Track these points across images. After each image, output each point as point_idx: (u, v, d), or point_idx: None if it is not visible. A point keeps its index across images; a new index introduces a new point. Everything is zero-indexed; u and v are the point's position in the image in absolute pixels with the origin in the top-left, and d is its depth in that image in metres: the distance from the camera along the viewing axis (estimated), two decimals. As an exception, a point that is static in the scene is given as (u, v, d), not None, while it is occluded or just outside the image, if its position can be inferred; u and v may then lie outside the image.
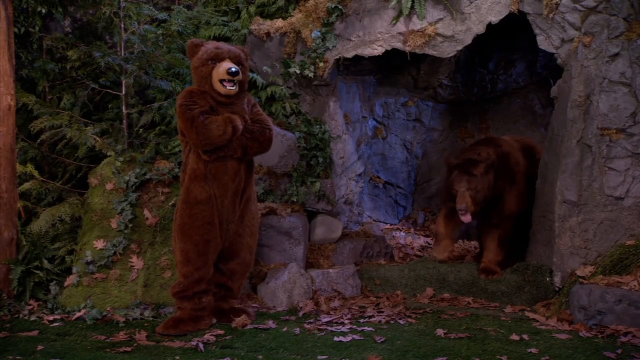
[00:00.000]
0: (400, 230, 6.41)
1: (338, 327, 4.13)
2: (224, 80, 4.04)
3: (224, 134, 3.95)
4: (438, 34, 5.00)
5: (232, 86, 4.06)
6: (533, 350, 3.65)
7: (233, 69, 4.01)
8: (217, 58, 4.06)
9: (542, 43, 4.79)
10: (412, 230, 6.48)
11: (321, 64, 5.33)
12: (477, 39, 4.99)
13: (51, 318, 4.34)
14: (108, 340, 3.90)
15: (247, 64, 4.23)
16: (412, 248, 5.96)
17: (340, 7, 5.24)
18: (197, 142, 3.95)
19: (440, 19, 4.99)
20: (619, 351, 3.59)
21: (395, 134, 6.70)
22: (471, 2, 4.91)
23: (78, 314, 4.35)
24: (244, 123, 4.06)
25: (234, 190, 4.12)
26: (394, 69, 6.11)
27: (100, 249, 4.62)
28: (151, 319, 4.35)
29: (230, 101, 4.10)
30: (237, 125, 3.99)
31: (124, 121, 5.22)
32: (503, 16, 4.84)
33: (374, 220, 6.48)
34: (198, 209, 4.02)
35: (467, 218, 4.74)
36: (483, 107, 6.61)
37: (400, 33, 5.10)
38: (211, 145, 3.96)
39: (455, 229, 5.14)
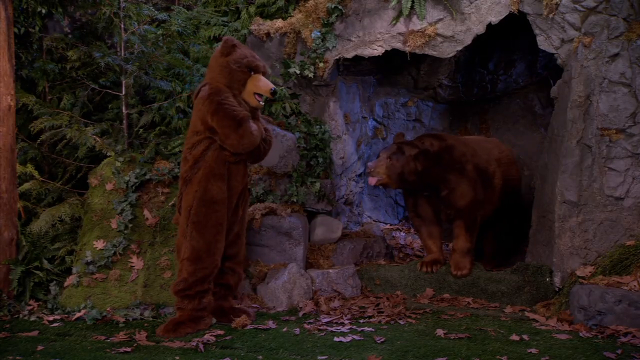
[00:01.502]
0: (400, 231, 6.41)
1: (338, 328, 4.13)
2: (258, 94, 4.11)
3: (257, 142, 4.05)
4: (438, 34, 5.00)
5: (262, 101, 4.16)
6: (533, 350, 3.65)
7: (274, 89, 4.12)
8: (256, 69, 4.13)
9: (542, 43, 4.79)
10: (412, 230, 6.48)
11: (321, 64, 5.33)
12: (477, 39, 4.99)
13: (51, 318, 4.34)
14: (108, 340, 3.90)
15: None
16: (412, 248, 5.96)
17: (340, 7, 5.25)
18: (237, 145, 3.97)
19: (440, 19, 4.99)
20: (619, 351, 3.59)
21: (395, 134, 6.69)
22: (471, 3, 4.91)
23: (78, 314, 4.35)
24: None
25: (240, 191, 4.18)
26: (393, 69, 6.11)
27: (100, 249, 4.62)
28: (151, 319, 4.35)
29: (253, 110, 4.17)
30: (263, 135, 4.13)
31: (124, 121, 5.22)
32: (503, 16, 4.84)
33: (374, 221, 6.47)
34: (213, 208, 4.02)
35: (371, 180, 4.85)
36: (483, 108, 6.61)
37: (400, 33, 5.10)
38: (247, 150, 4.03)
39: (437, 233, 5.17)
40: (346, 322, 4.27)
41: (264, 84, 4.11)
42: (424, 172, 4.82)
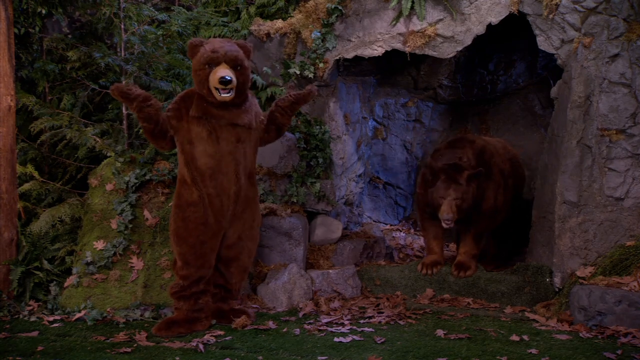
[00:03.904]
0: (400, 231, 6.41)
1: (338, 328, 4.13)
2: (218, 87, 3.89)
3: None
4: (438, 35, 5.00)
5: (227, 93, 3.88)
6: (533, 351, 3.65)
7: (226, 78, 3.81)
8: (213, 62, 3.88)
9: (542, 44, 4.79)
10: (412, 230, 6.48)
11: (321, 65, 5.33)
12: (477, 39, 4.99)
13: (51, 319, 4.34)
14: (108, 341, 3.90)
15: (247, 64, 4.02)
16: (412, 249, 5.96)
17: (340, 7, 5.25)
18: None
19: (440, 20, 4.99)
20: (619, 352, 3.60)
21: (395, 135, 6.70)
22: (471, 3, 4.91)
23: (78, 315, 4.35)
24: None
25: (236, 192, 4.06)
26: (394, 69, 6.11)
27: (100, 250, 4.62)
28: (151, 319, 4.34)
29: (228, 105, 3.98)
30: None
31: (124, 122, 5.22)
32: (503, 17, 4.84)
33: (374, 221, 6.48)
34: (190, 210, 4.00)
35: (450, 225, 4.70)
36: (483, 108, 6.61)
37: (400, 34, 5.10)
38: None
39: (442, 235, 5.13)
40: (346, 322, 4.27)
41: (217, 75, 3.81)
42: (478, 189, 4.76)
